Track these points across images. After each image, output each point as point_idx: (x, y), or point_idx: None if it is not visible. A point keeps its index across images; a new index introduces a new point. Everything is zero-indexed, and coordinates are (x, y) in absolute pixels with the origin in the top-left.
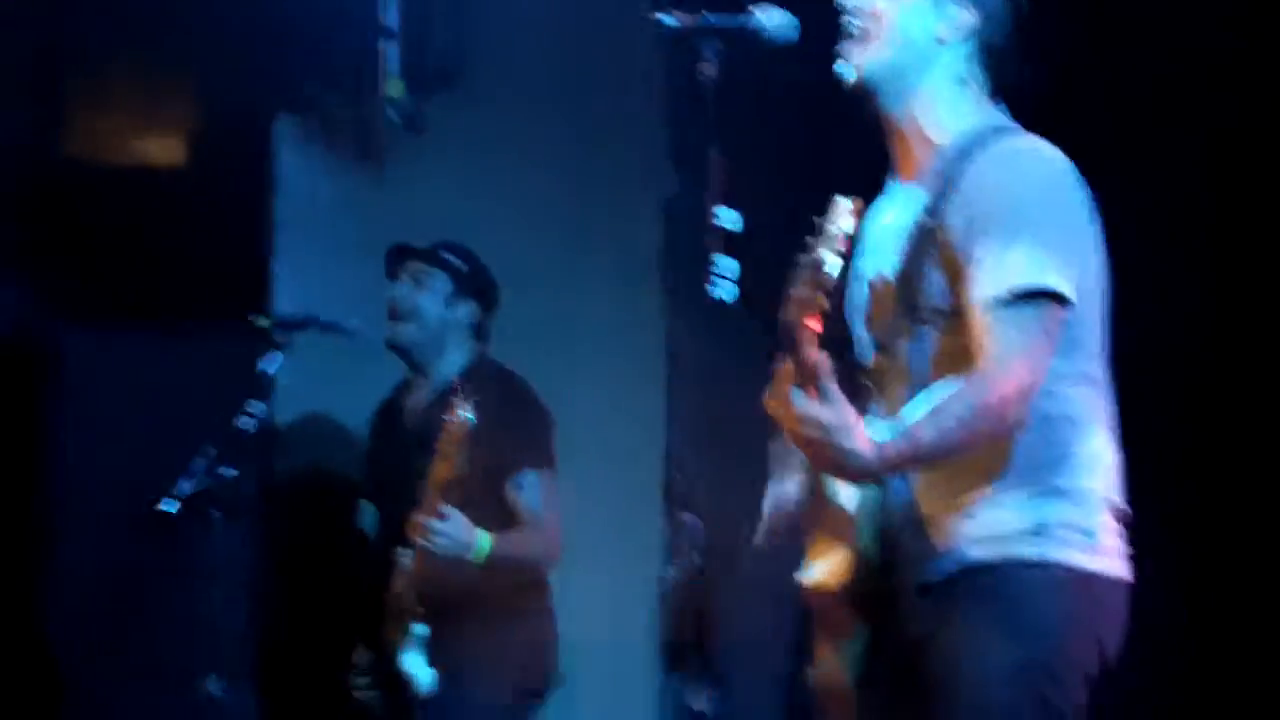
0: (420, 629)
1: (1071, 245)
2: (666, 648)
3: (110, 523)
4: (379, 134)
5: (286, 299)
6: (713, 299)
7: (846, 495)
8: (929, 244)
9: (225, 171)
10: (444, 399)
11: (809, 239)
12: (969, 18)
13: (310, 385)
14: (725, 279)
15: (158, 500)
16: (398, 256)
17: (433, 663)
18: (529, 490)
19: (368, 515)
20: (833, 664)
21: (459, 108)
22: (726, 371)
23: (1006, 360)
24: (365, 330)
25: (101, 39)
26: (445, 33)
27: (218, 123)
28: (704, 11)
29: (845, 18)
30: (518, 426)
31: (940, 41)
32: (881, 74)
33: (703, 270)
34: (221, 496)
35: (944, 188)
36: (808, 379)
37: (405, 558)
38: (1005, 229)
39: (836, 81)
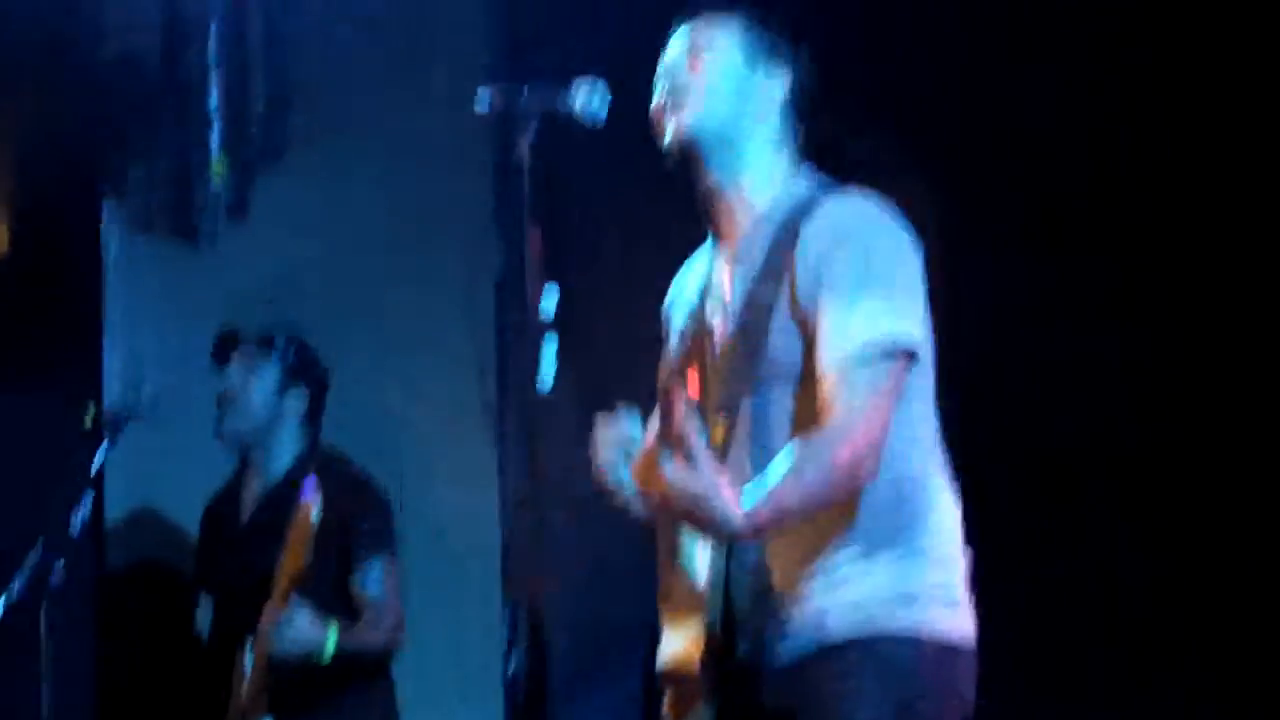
0: None
1: (914, 298)
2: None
3: None
4: (205, 215)
5: (117, 386)
6: (538, 389)
7: (698, 565)
8: (768, 307)
9: (51, 258)
10: (281, 490)
11: (694, 307)
12: (783, 80)
13: (141, 476)
14: (546, 370)
15: None
16: (226, 344)
17: None
18: (374, 579)
19: (203, 612)
20: None
21: (285, 187)
22: (556, 456)
23: (855, 414)
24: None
25: None
26: (269, 113)
27: (43, 208)
28: (524, 89)
29: (661, 84)
30: (359, 516)
31: (760, 106)
32: (705, 139)
33: (528, 355)
34: (52, 593)
35: (776, 250)
36: (676, 444)
37: (248, 656)
38: (850, 285)
39: (656, 154)
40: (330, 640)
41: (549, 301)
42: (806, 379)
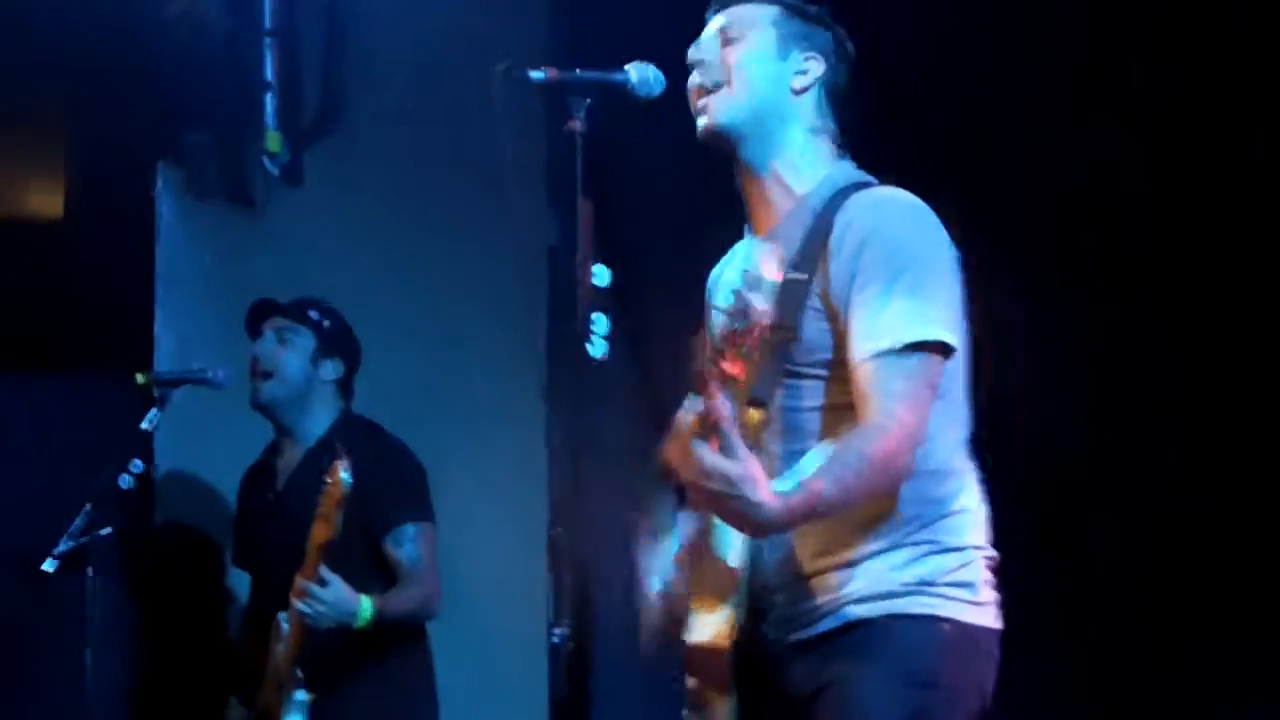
0: (301, 695)
1: (951, 295)
2: (554, 705)
3: None
4: (259, 185)
5: (166, 353)
6: (589, 355)
7: (733, 551)
8: (801, 296)
9: (105, 223)
10: (315, 459)
11: (736, 288)
12: (816, 65)
13: (188, 441)
14: (598, 335)
15: (35, 558)
16: (261, 313)
17: None
18: (408, 544)
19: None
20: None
21: (336, 159)
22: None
23: (895, 410)
24: (230, 382)
25: None
26: (322, 84)
27: (97, 174)
28: (576, 68)
29: (697, 70)
30: (392, 481)
31: (795, 92)
32: (739, 123)
33: (579, 324)
34: (99, 554)
35: (811, 239)
36: (710, 429)
37: (284, 623)
38: (888, 279)
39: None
40: (364, 610)
41: (601, 272)
42: (837, 371)
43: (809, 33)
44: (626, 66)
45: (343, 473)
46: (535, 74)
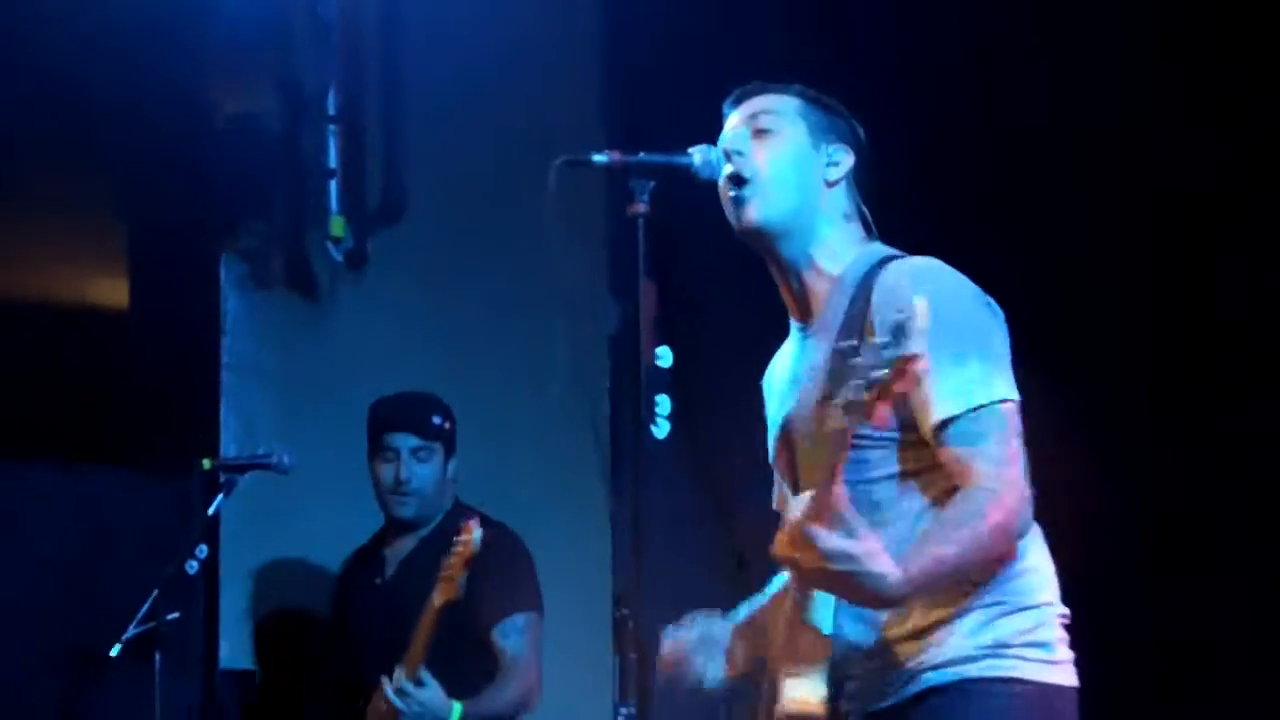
0: None
1: (1000, 347)
2: None
3: (54, 667)
4: (322, 273)
5: (233, 440)
6: (654, 438)
7: (821, 618)
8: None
9: (171, 313)
10: (430, 547)
11: (852, 360)
12: (847, 158)
13: (255, 526)
14: (661, 416)
15: (103, 644)
16: (388, 428)
17: None
18: (514, 635)
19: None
20: None
21: (399, 246)
22: (667, 506)
23: (1000, 472)
24: (296, 464)
25: (46, 174)
26: (385, 171)
27: (163, 264)
28: (640, 151)
29: (732, 166)
30: (504, 570)
31: (829, 184)
32: (778, 221)
33: (642, 407)
34: (166, 640)
35: (852, 312)
36: (825, 512)
37: (381, 708)
38: (950, 342)
39: None
40: (454, 717)
41: (664, 353)
42: (901, 438)
43: (832, 123)
44: (690, 149)
45: (475, 532)
46: (598, 157)
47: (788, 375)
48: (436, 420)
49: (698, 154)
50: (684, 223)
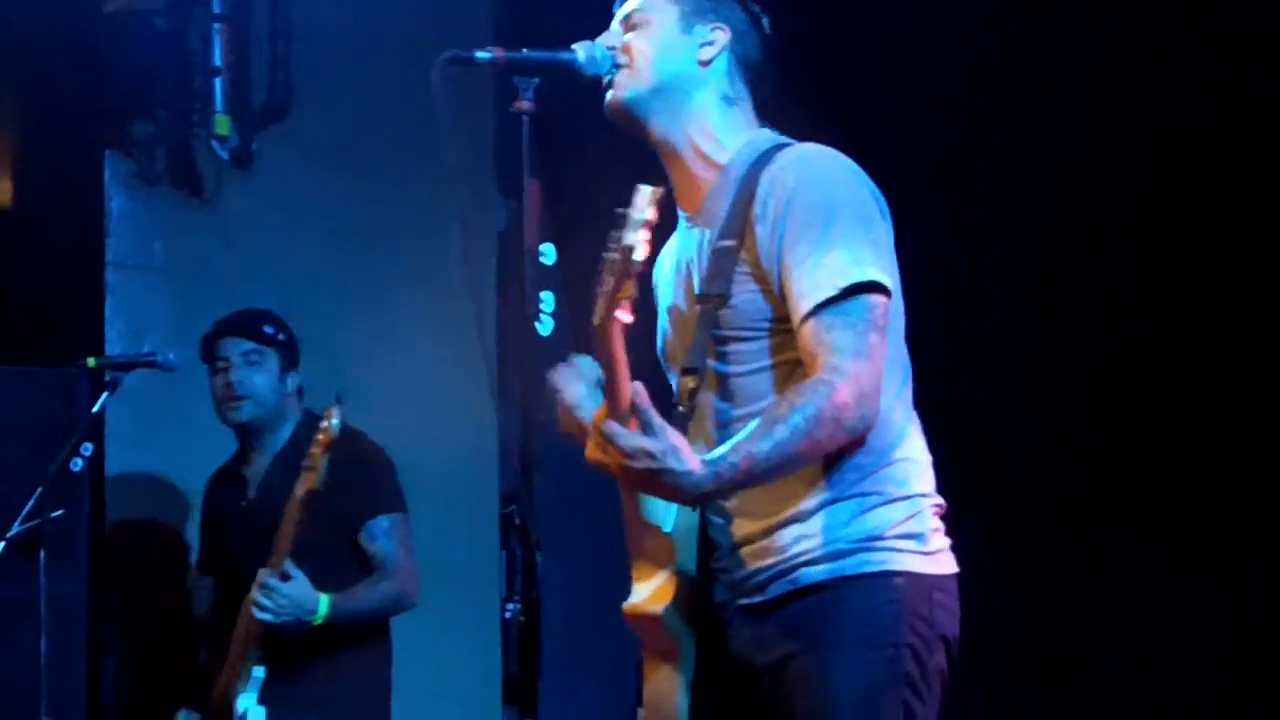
0: (259, 671)
1: (880, 239)
2: (506, 683)
3: None
4: (208, 171)
5: (119, 339)
6: (538, 335)
7: (664, 517)
8: (732, 262)
9: (56, 210)
10: (285, 463)
11: (613, 231)
12: (722, 35)
13: (139, 424)
14: (545, 314)
15: None
16: (217, 339)
17: (268, 703)
18: (381, 538)
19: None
20: (661, 686)
21: (285, 143)
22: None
23: (840, 364)
24: (182, 363)
25: None
26: (270, 70)
27: (48, 162)
28: (524, 49)
29: (606, 53)
30: (363, 476)
31: (702, 63)
32: (641, 98)
33: (527, 303)
34: (51, 538)
35: (736, 206)
36: (627, 414)
37: (244, 614)
38: (816, 233)
39: None
40: (322, 608)
41: (548, 252)
42: (779, 329)
43: (714, 7)
44: (574, 46)
45: (335, 419)
46: (482, 54)
47: (671, 266)
48: (268, 329)
49: (581, 50)
50: (570, 119)
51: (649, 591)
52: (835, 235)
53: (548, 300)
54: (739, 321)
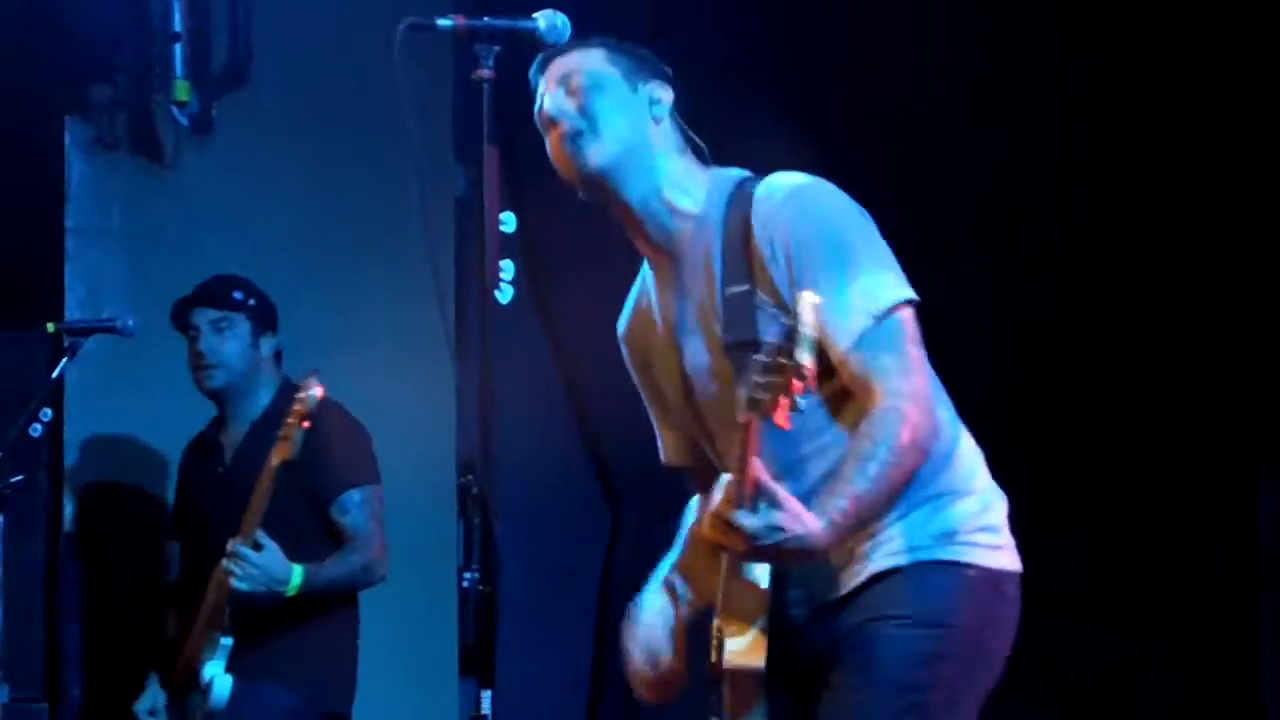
0: (226, 640)
1: (889, 254)
2: (463, 652)
3: None
4: (168, 137)
5: (79, 304)
6: (497, 303)
7: (760, 572)
8: (751, 306)
9: (15, 176)
10: (262, 431)
11: (772, 342)
12: (667, 94)
13: (98, 389)
14: (505, 282)
15: None
16: (187, 308)
17: (235, 672)
18: (353, 510)
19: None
20: None
21: (245, 109)
22: (512, 372)
23: (898, 385)
24: (141, 329)
25: None
26: (231, 34)
27: (7, 126)
28: (485, 17)
29: (556, 125)
30: (337, 447)
31: (655, 121)
32: (615, 164)
33: (486, 271)
34: (9, 501)
35: (731, 250)
36: (747, 488)
37: (223, 570)
38: (835, 268)
39: None
40: (295, 579)
41: (508, 220)
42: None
43: (641, 64)
44: (535, 14)
45: (313, 390)
46: (443, 22)
47: (664, 326)
48: (237, 295)
49: (543, 19)
50: (529, 88)
51: (746, 645)
52: (854, 266)
53: (507, 268)
54: None
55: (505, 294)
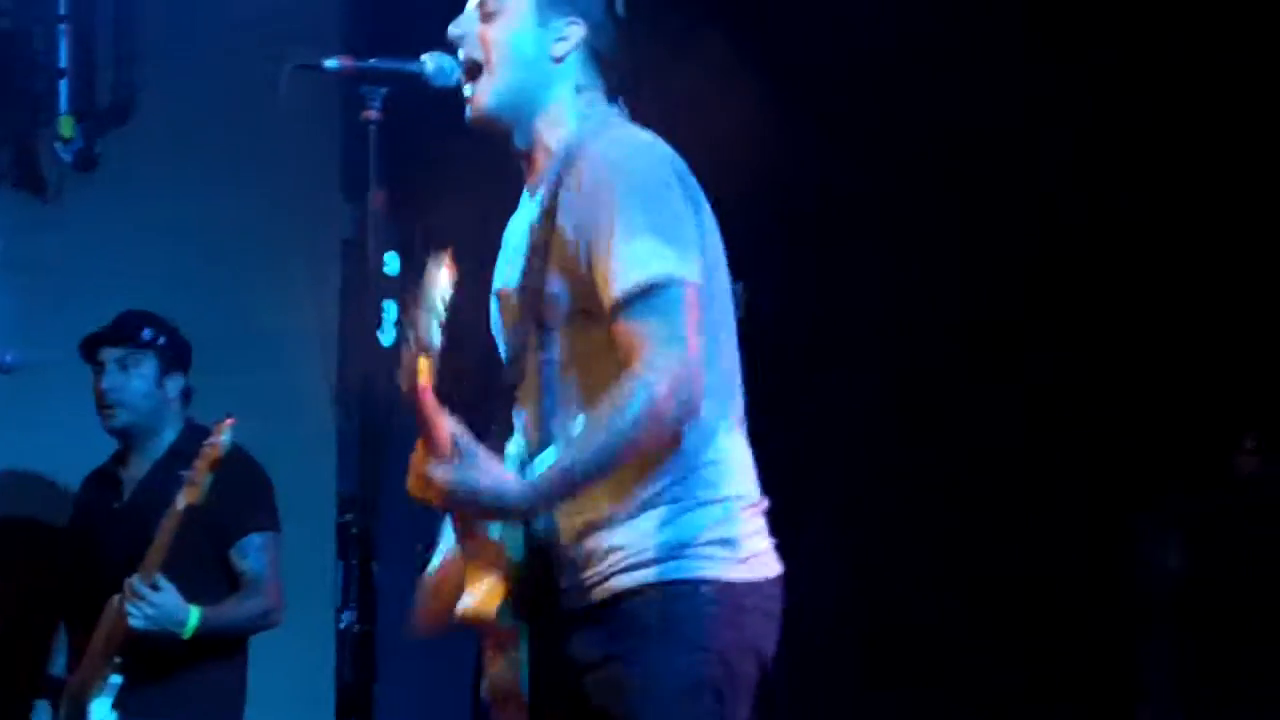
0: (116, 679)
1: (683, 227)
2: (340, 693)
3: None
4: (52, 173)
5: None
6: (380, 344)
7: (493, 525)
8: (545, 251)
9: None
10: (164, 469)
11: (411, 307)
12: (577, 30)
13: None
14: (388, 323)
15: None
16: (95, 343)
17: (121, 710)
18: (252, 555)
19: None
20: (503, 670)
21: (130, 146)
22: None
23: (657, 357)
24: (21, 364)
25: None
26: (117, 70)
27: None
28: (371, 58)
29: (459, 47)
30: (239, 491)
31: (556, 60)
32: (506, 105)
33: (369, 311)
34: None
35: (552, 192)
36: (440, 447)
37: (115, 608)
38: (616, 225)
39: None
40: (191, 620)
41: (391, 262)
42: (580, 321)
43: None
44: (423, 56)
45: (225, 434)
46: (330, 63)
47: (505, 249)
48: (146, 333)
49: (430, 61)
50: (418, 128)
51: (481, 593)
52: (635, 226)
53: (390, 309)
54: (552, 313)
55: (388, 335)
